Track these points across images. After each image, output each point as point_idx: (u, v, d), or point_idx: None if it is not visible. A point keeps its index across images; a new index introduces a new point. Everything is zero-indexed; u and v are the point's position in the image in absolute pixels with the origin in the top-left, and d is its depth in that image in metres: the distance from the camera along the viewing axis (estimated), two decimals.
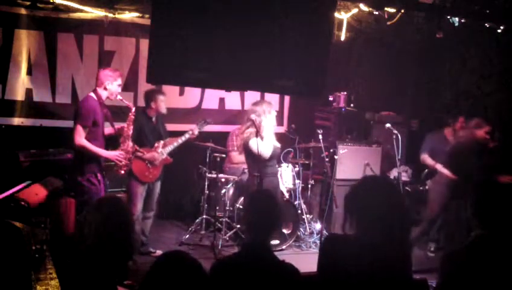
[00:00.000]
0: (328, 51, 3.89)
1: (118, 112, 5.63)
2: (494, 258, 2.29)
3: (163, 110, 5.61)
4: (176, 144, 5.66)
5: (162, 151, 5.58)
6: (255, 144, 5.23)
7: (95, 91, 4.92)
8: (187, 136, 5.72)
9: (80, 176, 4.85)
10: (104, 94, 4.94)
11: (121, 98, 5.09)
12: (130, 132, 5.15)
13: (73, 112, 4.99)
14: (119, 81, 5.01)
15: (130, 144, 5.14)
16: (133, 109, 5.18)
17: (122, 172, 5.11)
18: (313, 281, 2.47)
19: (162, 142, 5.61)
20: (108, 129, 5.16)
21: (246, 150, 5.41)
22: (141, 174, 5.49)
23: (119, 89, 5.03)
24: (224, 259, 2.75)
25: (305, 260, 5.46)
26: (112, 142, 5.24)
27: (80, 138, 4.74)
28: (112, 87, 4.93)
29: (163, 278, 1.91)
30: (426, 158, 6.26)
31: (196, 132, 5.77)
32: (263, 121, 5.38)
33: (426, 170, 6.54)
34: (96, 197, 4.77)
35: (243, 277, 2.52)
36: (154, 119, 5.60)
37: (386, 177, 6.35)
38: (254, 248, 2.65)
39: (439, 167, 5.95)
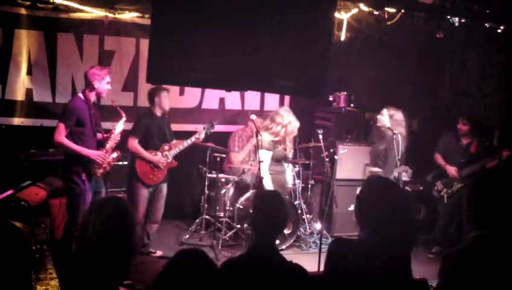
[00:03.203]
0: (328, 51, 3.88)
1: (113, 112, 5.60)
2: (494, 258, 2.29)
3: (166, 107, 5.58)
4: (181, 147, 5.65)
5: (167, 154, 5.57)
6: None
7: (83, 92, 4.89)
8: (193, 139, 5.69)
9: (65, 175, 4.85)
10: (92, 95, 4.87)
11: (115, 104, 5.07)
12: (118, 140, 5.09)
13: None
14: (108, 78, 4.90)
15: (112, 156, 5.03)
16: (123, 119, 5.13)
17: (99, 173, 4.92)
18: (320, 281, 2.47)
19: (167, 145, 5.60)
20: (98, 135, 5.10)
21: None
22: (145, 176, 5.49)
23: (109, 86, 4.95)
24: (232, 259, 2.74)
25: (305, 260, 5.45)
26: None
27: (59, 135, 4.71)
28: (100, 86, 4.85)
29: (179, 274, 1.94)
30: (437, 157, 6.47)
31: (202, 136, 5.76)
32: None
33: (434, 171, 6.58)
34: (80, 196, 4.76)
35: (252, 277, 2.52)
36: (159, 120, 5.59)
37: (388, 177, 6.36)
38: (261, 249, 2.64)
39: (448, 167, 6.15)
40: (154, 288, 1.97)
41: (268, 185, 5.39)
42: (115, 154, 5.06)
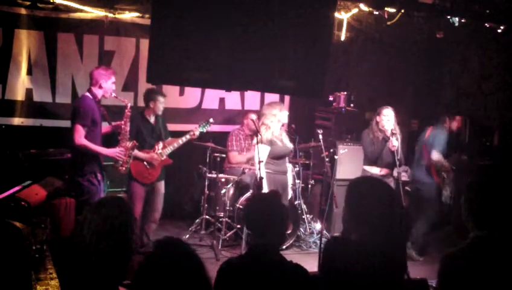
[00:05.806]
0: (328, 51, 3.89)
1: (117, 112, 5.62)
2: (493, 259, 2.29)
3: (159, 112, 5.61)
4: (176, 145, 5.65)
5: (161, 152, 5.58)
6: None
7: (90, 90, 4.92)
8: (188, 137, 5.70)
9: (79, 177, 4.84)
10: (99, 93, 4.93)
11: (115, 95, 5.08)
12: (128, 128, 5.15)
13: (71, 113, 4.98)
14: (113, 79, 5.00)
15: (129, 141, 5.13)
16: (129, 105, 5.17)
17: (124, 169, 5.09)
18: (317, 281, 2.47)
19: (161, 143, 5.61)
20: (105, 127, 5.16)
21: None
22: (140, 175, 5.49)
23: (114, 87, 5.02)
24: (232, 259, 2.73)
25: (305, 260, 5.45)
26: (109, 140, 5.23)
27: (80, 137, 4.73)
28: (106, 85, 4.91)
29: (159, 265, 1.91)
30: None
31: (197, 133, 5.76)
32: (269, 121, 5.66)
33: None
34: (96, 196, 4.77)
35: (252, 277, 2.52)
36: (153, 119, 5.60)
37: (380, 178, 6.35)
38: (261, 249, 2.64)
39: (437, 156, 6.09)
40: (135, 282, 1.94)
41: (264, 185, 5.40)
42: (129, 143, 5.13)
